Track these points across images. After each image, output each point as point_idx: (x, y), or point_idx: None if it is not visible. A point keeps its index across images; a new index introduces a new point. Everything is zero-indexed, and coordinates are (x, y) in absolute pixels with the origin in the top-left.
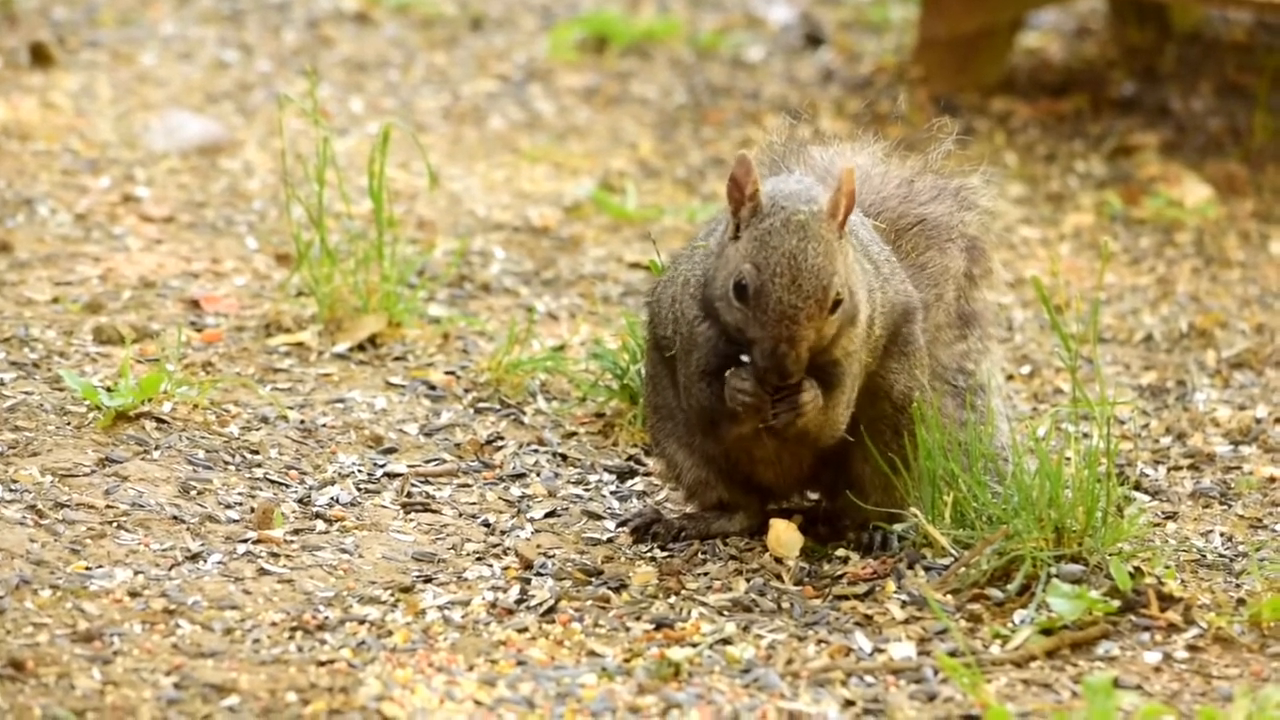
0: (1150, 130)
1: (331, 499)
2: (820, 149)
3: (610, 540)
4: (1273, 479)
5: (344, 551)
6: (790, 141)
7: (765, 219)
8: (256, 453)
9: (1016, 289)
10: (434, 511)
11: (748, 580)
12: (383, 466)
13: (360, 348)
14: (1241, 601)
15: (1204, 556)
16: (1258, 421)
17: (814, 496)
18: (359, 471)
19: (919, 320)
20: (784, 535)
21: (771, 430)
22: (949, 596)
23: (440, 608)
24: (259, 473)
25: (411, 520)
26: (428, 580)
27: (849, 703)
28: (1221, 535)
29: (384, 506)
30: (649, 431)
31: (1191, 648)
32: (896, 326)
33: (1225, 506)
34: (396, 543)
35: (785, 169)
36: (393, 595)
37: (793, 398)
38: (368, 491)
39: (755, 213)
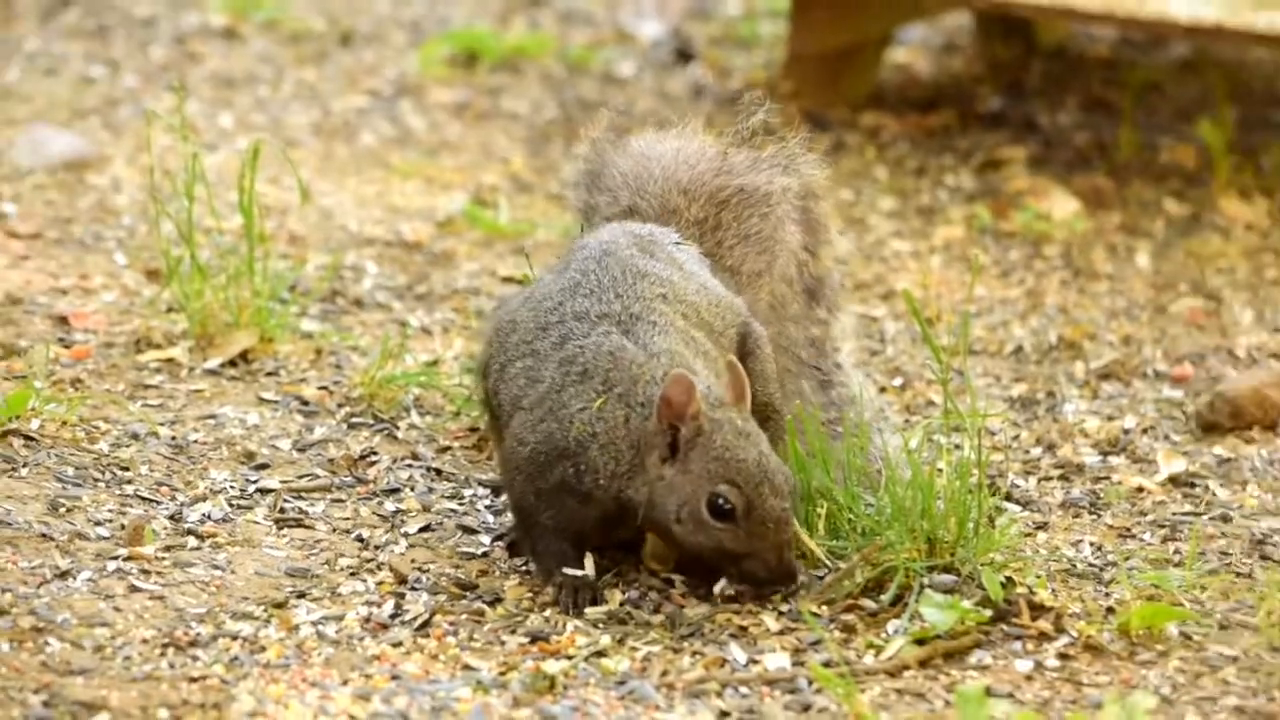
0: (1018, 144)
1: (203, 515)
2: (638, 137)
3: (485, 554)
4: (1140, 489)
5: (216, 568)
6: (609, 134)
7: (714, 435)
8: (127, 469)
9: (888, 302)
10: (307, 527)
11: (623, 593)
12: (255, 482)
13: (232, 363)
14: (1111, 610)
15: (1074, 566)
16: (1125, 432)
17: None
18: (231, 487)
19: (756, 329)
20: (658, 547)
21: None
22: (824, 608)
23: (314, 623)
24: (129, 489)
25: (284, 536)
26: (301, 596)
27: (724, 714)
28: (1091, 545)
29: (256, 522)
30: (490, 430)
31: (1062, 656)
32: (740, 337)
33: (1095, 516)
34: (269, 558)
35: (607, 165)
36: (266, 611)
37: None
38: (240, 507)
39: (699, 432)
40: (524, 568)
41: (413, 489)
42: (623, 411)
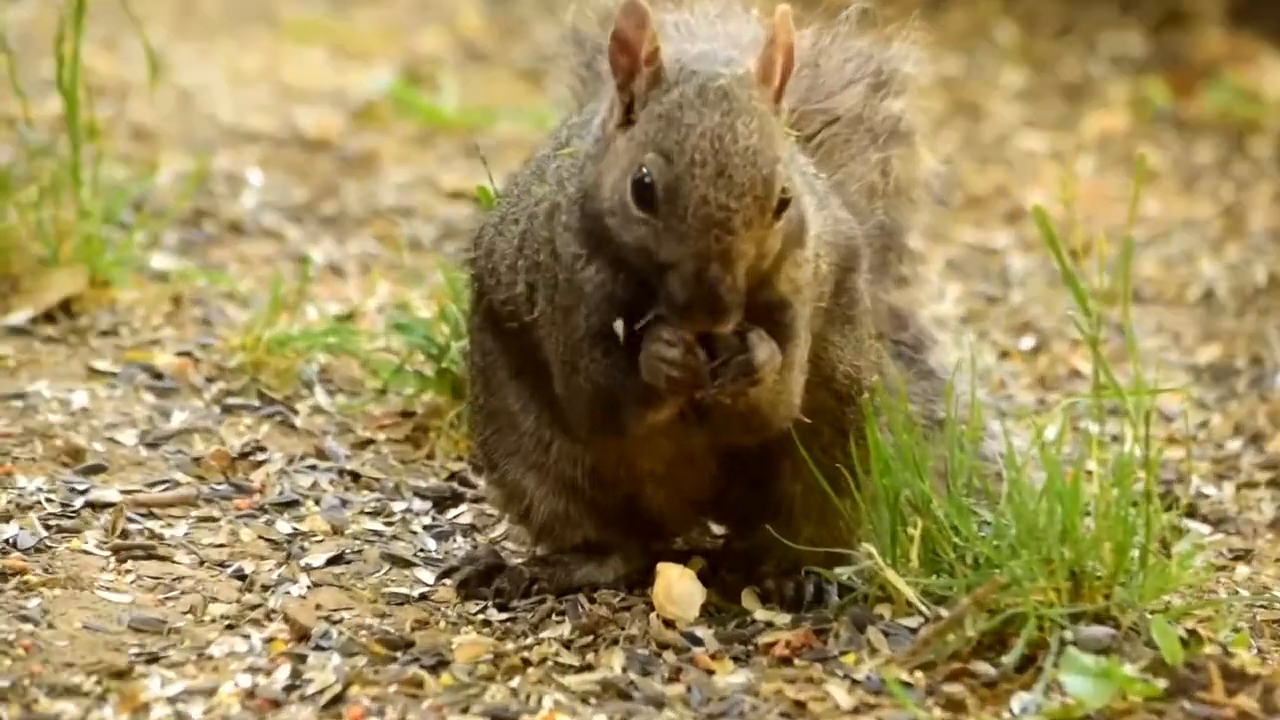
0: None
1: (7, 542)
2: (674, 14)
3: (424, 597)
4: None
5: (26, 620)
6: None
7: (671, 89)
8: None
9: (1014, 225)
10: (161, 558)
11: (625, 652)
12: (84, 493)
13: (49, 318)
14: None
15: None
16: None
17: (719, 531)
18: (48, 501)
19: (863, 268)
20: (677, 587)
21: (705, 414)
22: (918, 674)
23: (171, 700)
24: None
25: (128, 572)
26: (153, 660)
27: None
28: None
29: (87, 552)
30: (479, 447)
31: None
32: (840, 274)
33: None
34: (105, 606)
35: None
36: (100, 683)
37: (743, 358)
38: (62, 530)
39: (656, 83)
40: (480, 615)
41: (318, 502)
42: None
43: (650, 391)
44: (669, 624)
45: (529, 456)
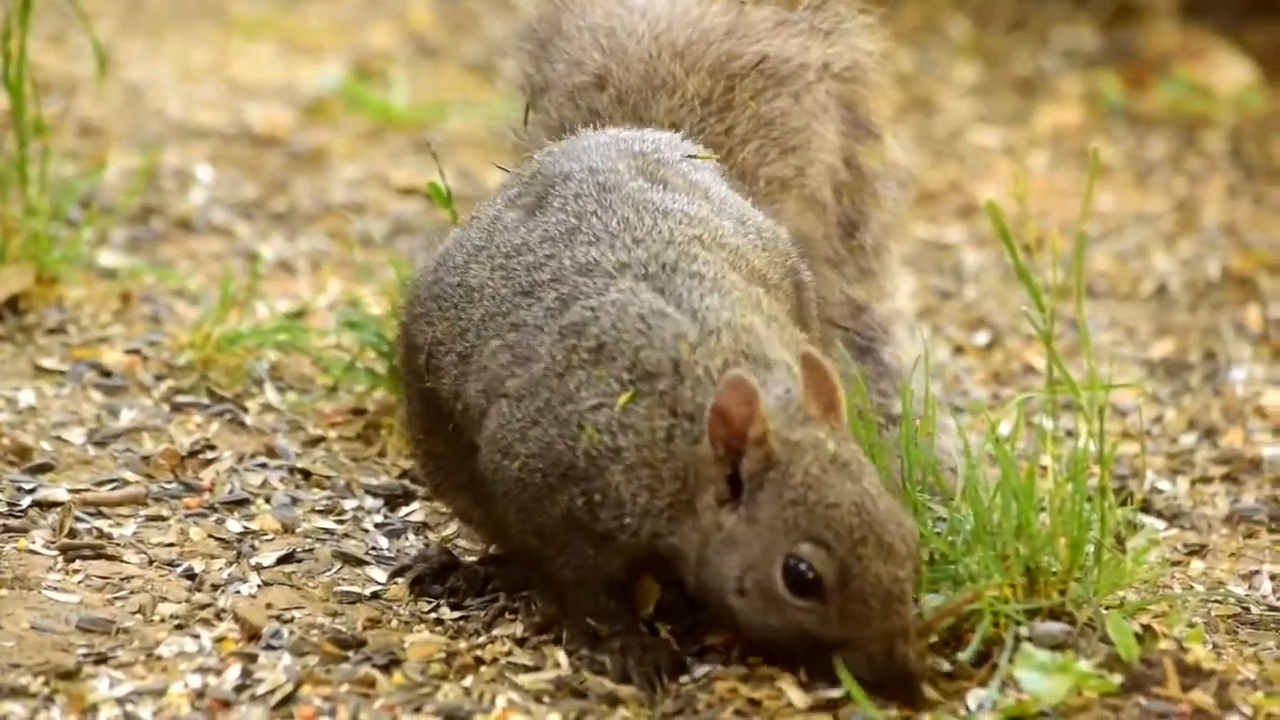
0: None
1: None
2: None
3: (376, 596)
4: None
5: None
6: None
7: (791, 469)
8: None
9: (967, 220)
10: (110, 558)
11: (570, 653)
12: (31, 492)
13: None
14: None
15: (1247, 610)
16: None
17: None
18: None
19: (805, 271)
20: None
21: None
22: None
23: (121, 700)
24: None
25: (76, 572)
26: (101, 660)
27: None
28: (1273, 578)
29: (34, 551)
30: (424, 476)
31: None
32: (792, 286)
33: (1278, 535)
34: (53, 606)
35: (566, 17)
36: (47, 684)
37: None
38: (9, 530)
39: (769, 465)
40: (433, 613)
41: (269, 500)
42: (663, 418)
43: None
44: None
45: (478, 491)
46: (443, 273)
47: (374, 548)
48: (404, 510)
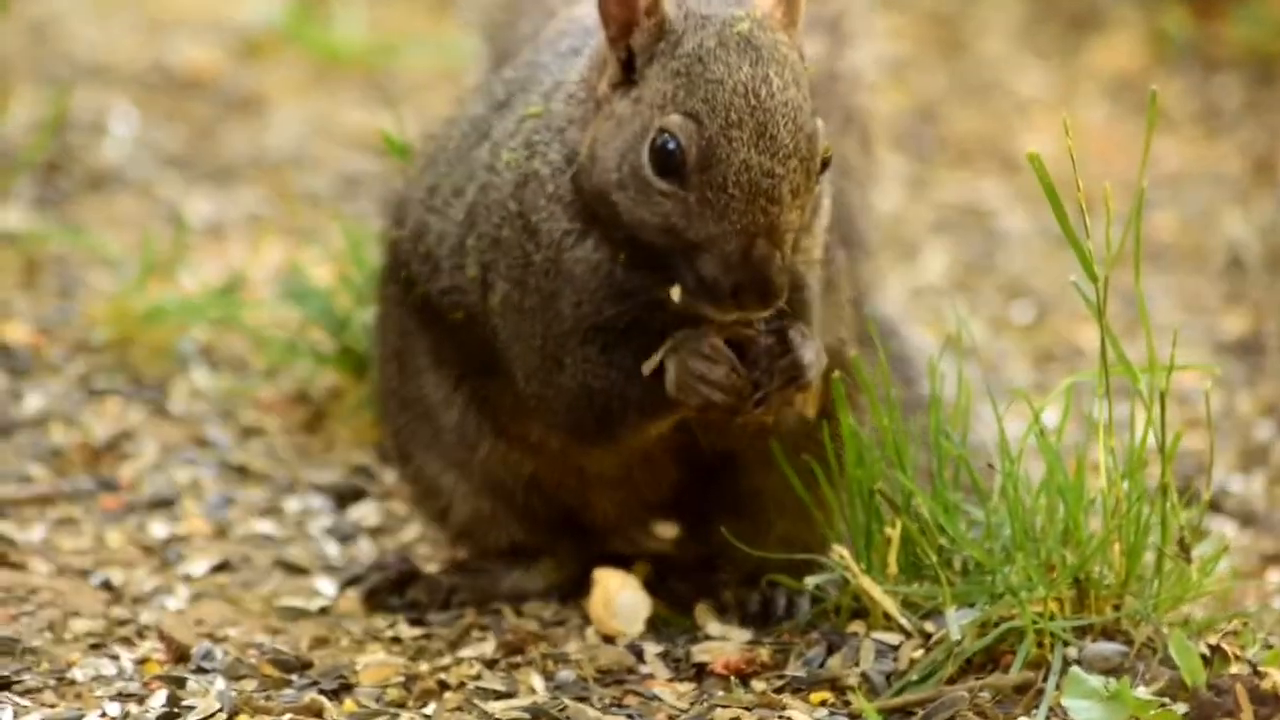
0: None
1: None
2: None
3: (325, 611)
4: None
5: None
6: None
7: (684, 39)
8: None
9: (1007, 175)
10: (14, 566)
11: (548, 677)
12: None
13: None
14: None
15: None
16: None
17: (668, 534)
18: None
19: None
20: (618, 598)
21: (723, 426)
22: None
23: None
24: None
25: None
26: (5, 685)
27: None
28: None
29: None
30: (390, 437)
31: None
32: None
33: None
34: None
35: None
36: None
37: (787, 361)
38: None
39: (660, 35)
40: (390, 631)
41: (198, 499)
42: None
43: (658, 401)
44: (608, 640)
45: (450, 453)
46: (422, 183)
47: (321, 555)
48: (356, 512)
